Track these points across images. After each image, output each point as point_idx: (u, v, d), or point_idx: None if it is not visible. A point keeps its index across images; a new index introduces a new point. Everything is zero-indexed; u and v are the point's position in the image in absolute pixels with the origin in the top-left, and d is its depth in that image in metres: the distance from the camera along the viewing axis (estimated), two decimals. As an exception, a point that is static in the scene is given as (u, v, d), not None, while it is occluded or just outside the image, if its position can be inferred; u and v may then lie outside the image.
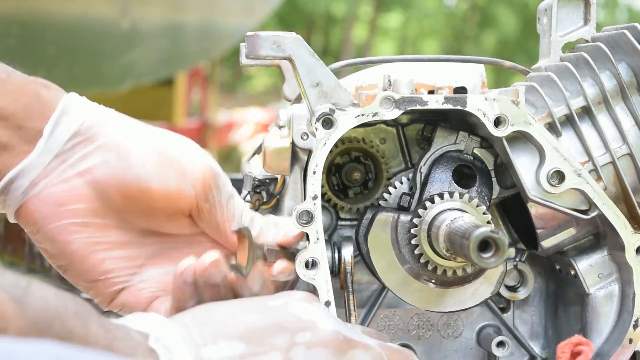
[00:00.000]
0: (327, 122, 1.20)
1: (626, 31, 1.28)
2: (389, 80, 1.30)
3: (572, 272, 1.31)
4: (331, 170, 1.40)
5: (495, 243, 1.06)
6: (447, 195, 1.24)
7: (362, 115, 1.21)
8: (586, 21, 1.39)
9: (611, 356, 1.27)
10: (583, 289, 1.30)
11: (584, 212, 1.26)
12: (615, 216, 1.25)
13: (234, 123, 11.35)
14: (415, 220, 1.24)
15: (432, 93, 1.32)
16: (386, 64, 1.44)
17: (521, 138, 1.25)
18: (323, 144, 1.20)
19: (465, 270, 1.25)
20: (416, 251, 1.24)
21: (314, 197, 1.20)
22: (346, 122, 1.21)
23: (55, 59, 4.14)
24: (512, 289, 1.39)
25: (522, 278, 1.39)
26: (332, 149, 1.31)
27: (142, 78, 5.26)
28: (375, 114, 1.21)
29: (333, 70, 1.28)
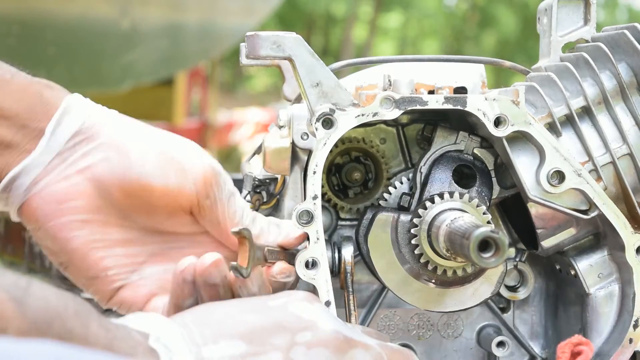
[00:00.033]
0: (327, 122, 1.20)
1: (626, 31, 1.28)
2: (389, 80, 1.30)
3: (572, 272, 1.31)
4: (331, 170, 1.40)
5: (495, 243, 1.06)
6: (447, 195, 1.24)
7: (362, 115, 1.21)
8: (586, 21, 1.39)
9: (611, 356, 1.27)
10: (583, 289, 1.30)
11: (584, 212, 1.26)
12: (615, 216, 1.25)
13: (234, 123, 11.34)
14: (416, 220, 1.24)
15: (432, 93, 1.32)
16: (386, 64, 1.44)
17: (521, 138, 1.25)
18: (323, 144, 1.20)
19: (465, 270, 1.25)
20: (416, 251, 1.24)
21: (314, 197, 1.20)
22: (346, 122, 1.21)
23: (55, 59, 4.14)
24: (512, 289, 1.39)
25: (522, 278, 1.39)
26: (332, 149, 1.31)
27: (142, 78, 5.25)
28: (375, 114, 1.21)
29: (333, 70, 1.28)
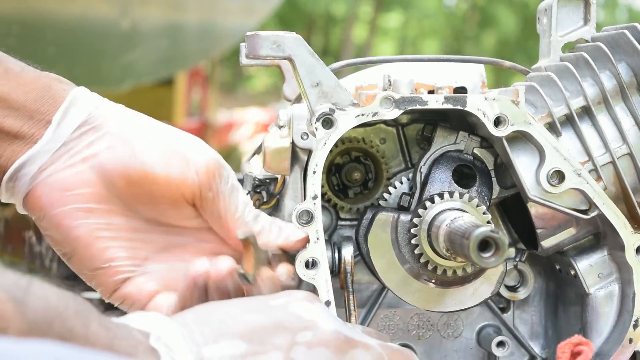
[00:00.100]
0: (327, 122, 1.20)
1: (626, 31, 1.28)
2: (389, 80, 1.30)
3: (572, 272, 1.31)
4: (331, 170, 1.40)
5: (495, 243, 1.06)
6: (447, 195, 1.24)
7: (362, 115, 1.21)
8: (586, 21, 1.39)
9: (611, 356, 1.27)
10: (583, 289, 1.30)
11: (584, 212, 1.26)
12: (615, 216, 1.25)
13: (234, 123, 11.35)
14: (415, 220, 1.24)
15: (432, 93, 1.32)
16: (386, 64, 1.44)
17: (521, 138, 1.25)
18: (323, 144, 1.20)
19: (465, 270, 1.25)
20: (416, 251, 1.24)
21: (314, 197, 1.20)
22: (346, 122, 1.21)
23: (55, 59, 4.14)
24: (512, 289, 1.39)
25: (522, 278, 1.39)
26: (332, 149, 1.31)
27: (142, 78, 5.25)
28: (375, 113, 1.21)
29: (333, 70, 1.28)
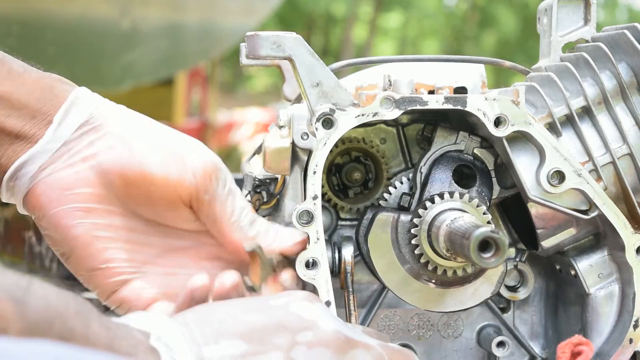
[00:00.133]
0: (327, 122, 1.20)
1: (626, 31, 1.28)
2: (389, 80, 1.30)
3: (572, 272, 1.31)
4: (331, 170, 1.40)
5: (495, 243, 1.06)
6: (447, 195, 1.24)
7: (362, 115, 1.21)
8: (586, 21, 1.39)
9: (611, 356, 1.27)
10: (583, 289, 1.30)
11: (584, 212, 1.26)
12: (616, 216, 1.25)
13: (234, 123, 11.34)
14: (416, 220, 1.24)
15: (432, 93, 1.32)
16: (386, 64, 1.44)
17: (521, 138, 1.25)
18: (323, 144, 1.20)
19: (465, 270, 1.25)
20: (416, 251, 1.24)
21: (314, 197, 1.20)
22: (346, 122, 1.21)
23: (55, 59, 4.14)
24: (512, 289, 1.39)
25: (522, 278, 1.39)
26: (332, 149, 1.31)
27: (142, 78, 5.25)
28: (375, 114, 1.21)
29: (333, 70, 1.28)
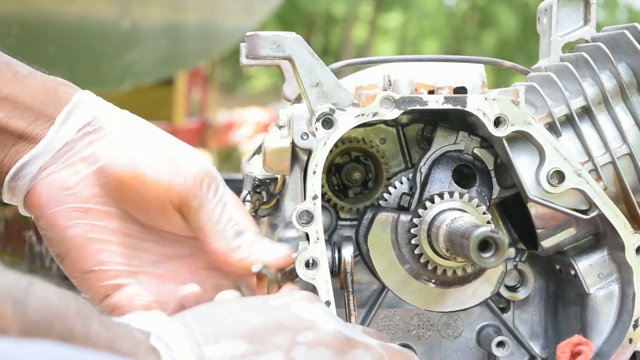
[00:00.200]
0: (327, 122, 1.20)
1: (626, 31, 1.28)
2: (389, 80, 1.30)
3: (572, 272, 1.31)
4: (331, 170, 1.40)
5: (495, 243, 1.06)
6: (447, 195, 1.24)
7: (362, 115, 1.21)
8: (586, 21, 1.39)
9: (611, 356, 1.27)
10: (583, 289, 1.30)
11: (584, 212, 1.26)
12: (615, 216, 1.25)
13: (234, 123, 11.33)
14: (415, 220, 1.24)
15: (432, 93, 1.32)
16: (386, 64, 1.44)
17: (521, 138, 1.25)
18: (323, 144, 1.20)
19: (465, 270, 1.25)
20: (416, 251, 1.24)
21: (314, 197, 1.20)
22: (346, 122, 1.21)
23: (55, 59, 4.14)
24: (512, 289, 1.39)
25: (522, 278, 1.39)
26: (332, 149, 1.31)
27: (142, 78, 5.25)
28: (375, 114, 1.21)
29: (333, 70, 1.28)
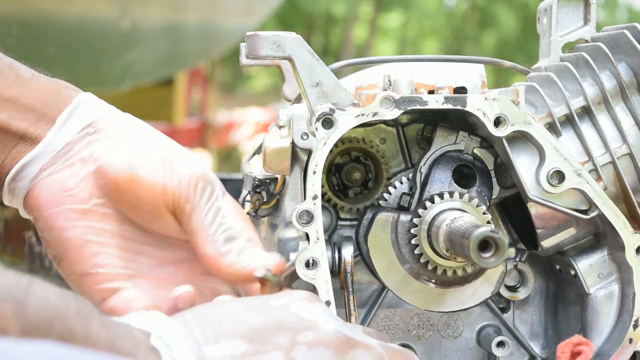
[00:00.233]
0: (327, 122, 1.20)
1: (626, 31, 1.28)
2: (389, 80, 1.30)
3: (572, 272, 1.31)
4: (331, 170, 1.40)
5: (495, 243, 1.06)
6: (447, 195, 1.24)
7: (362, 115, 1.21)
8: (586, 21, 1.39)
9: (611, 356, 1.27)
10: (583, 289, 1.30)
11: (584, 212, 1.26)
12: (615, 216, 1.25)
13: (234, 123, 11.32)
14: (415, 220, 1.24)
15: (432, 93, 1.32)
16: (386, 64, 1.44)
17: (521, 138, 1.25)
18: (323, 144, 1.20)
19: (465, 270, 1.25)
20: (416, 251, 1.24)
21: (314, 197, 1.20)
22: (346, 122, 1.21)
23: (55, 59, 4.14)
24: (512, 289, 1.39)
25: (522, 278, 1.39)
26: (332, 149, 1.31)
27: (142, 78, 5.25)
28: (375, 113, 1.21)
29: (333, 70, 1.28)
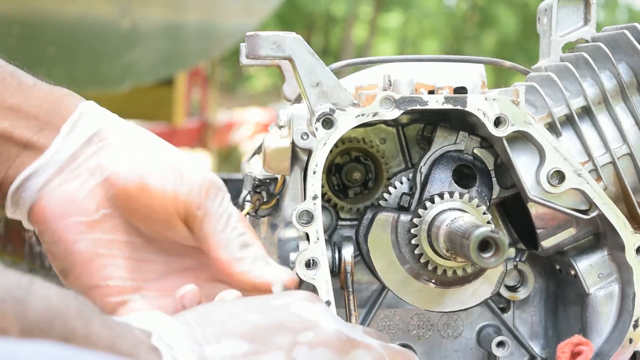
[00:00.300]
0: (327, 122, 1.20)
1: (626, 31, 1.28)
2: (389, 80, 1.30)
3: (572, 272, 1.31)
4: (331, 170, 1.40)
5: (495, 243, 1.06)
6: (447, 195, 1.24)
7: (362, 115, 1.21)
8: (586, 21, 1.39)
9: (611, 356, 1.27)
10: (583, 289, 1.30)
11: (584, 212, 1.26)
12: (615, 216, 1.25)
13: (234, 123, 11.32)
14: (415, 220, 1.24)
15: (432, 93, 1.32)
16: (386, 64, 1.44)
17: (521, 138, 1.25)
18: (323, 144, 1.20)
19: (465, 270, 1.25)
20: (416, 251, 1.24)
21: (314, 197, 1.20)
22: (346, 122, 1.21)
23: (55, 59, 4.14)
24: (512, 289, 1.39)
25: (522, 278, 1.39)
26: (332, 149, 1.32)
27: (142, 78, 5.25)
28: (375, 114, 1.21)
29: (333, 70, 1.28)
